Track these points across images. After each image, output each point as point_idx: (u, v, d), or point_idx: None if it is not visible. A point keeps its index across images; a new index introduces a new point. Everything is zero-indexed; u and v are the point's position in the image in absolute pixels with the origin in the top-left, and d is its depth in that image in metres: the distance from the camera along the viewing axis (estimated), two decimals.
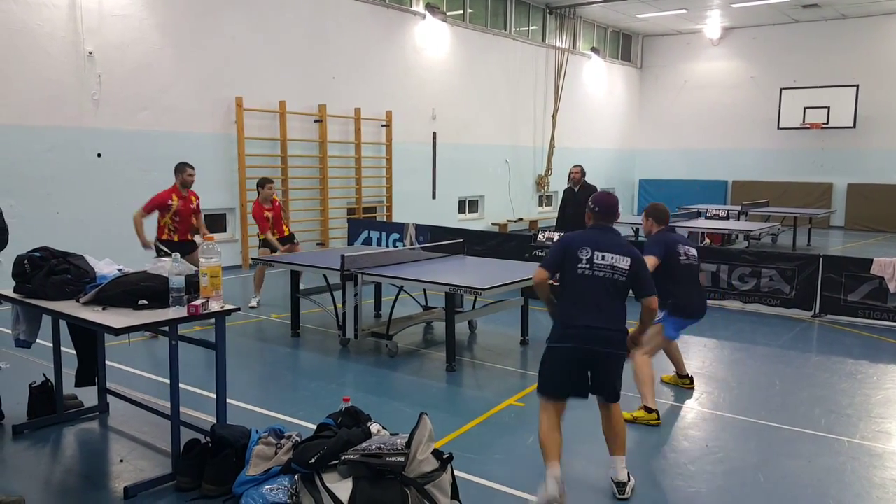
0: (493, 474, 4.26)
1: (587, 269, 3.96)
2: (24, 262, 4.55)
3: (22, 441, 4.76)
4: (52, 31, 9.71)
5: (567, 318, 3.99)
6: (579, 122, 21.25)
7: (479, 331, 7.92)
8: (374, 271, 6.91)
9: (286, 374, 6.56)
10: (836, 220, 20.59)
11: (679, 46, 23.38)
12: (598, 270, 3.95)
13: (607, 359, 3.95)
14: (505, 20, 18.42)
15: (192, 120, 11.45)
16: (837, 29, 20.45)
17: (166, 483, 4.07)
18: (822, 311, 8.78)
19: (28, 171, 9.60)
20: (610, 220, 4.18)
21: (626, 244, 4.07)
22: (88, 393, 5.26)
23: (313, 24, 13.24)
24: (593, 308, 3.92)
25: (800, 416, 5.42)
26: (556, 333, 4.02)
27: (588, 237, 4.08)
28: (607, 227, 4.15)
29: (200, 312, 4.01)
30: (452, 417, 5.24)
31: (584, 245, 4.01)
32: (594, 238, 4.06)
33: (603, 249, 3.98)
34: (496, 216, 18.49)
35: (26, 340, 4.80)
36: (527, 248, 10.08)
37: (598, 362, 3.95)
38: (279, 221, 9.44)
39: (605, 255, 3.96)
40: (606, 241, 4.03)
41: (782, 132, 21.14)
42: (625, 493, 3.98)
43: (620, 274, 3.95)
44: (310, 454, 3.55)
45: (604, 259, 3.96)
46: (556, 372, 4.00)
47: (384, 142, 14.92)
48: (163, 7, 10.92)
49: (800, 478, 4.35)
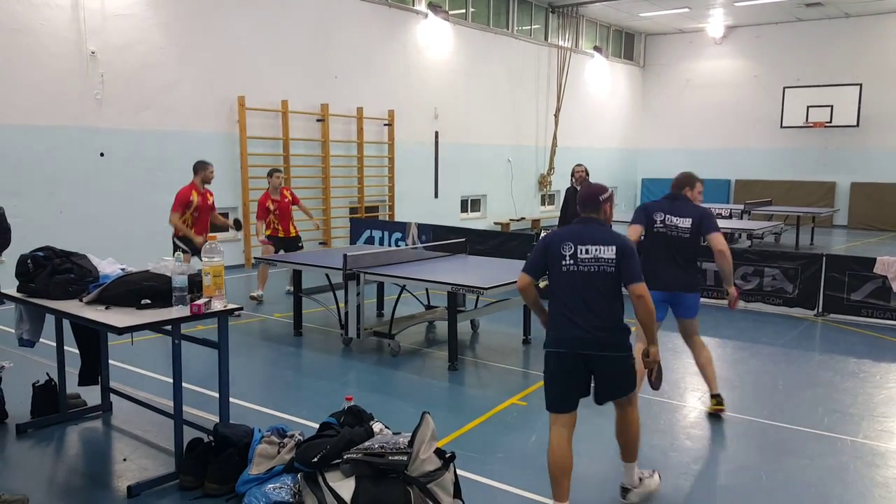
0: (496, 473, 4.26)
1: (571, 265, 3.68)
2: (28, 261, 4.56)
3: (25, 440, 4.77)
4: (54, 31, 9.73)
5: (557, 321, 3.73)
6: (582, 121, 21.24)
7: (482, 330, 7.92)
8: (376, 270, 6.91)
9: (289, 374, 6.57)
10: (839, 219, 20.56)
11: (682, 45, 23.35)
12: (584, 265, 3.67)
13: (605, 362, 3.67)
14: (507, 19, 18.41)
15: (195, 119, 11.46)
16: (841, 27, 20.41)
17: (169, 482, 4.07)
18: (825, 310, 8.77)
19: (31, 170, 9.62)
20: (591, 210, 3.86)
21: (610, 233, 3.76)
22: (92, 392, 5.28)
23: (316, 24, 13.25)
24: (583, 308, 3.65)
25: (802, 415, 5.41)
26: (550, 337, 3.79)
27: (570, 232, 3.80)
28: (590, 219, 3.84)
29: (203, 312, 4.01)
30: (455, 416, 5.24)
31: (565, 241, 3.74)
32: (577, 232, 3.78)
33: (586, 242, 3.70)
34: (498, 215, 18.49)
35: (30, 340, 4.81)
36: (529, 248, 10.05)
37: (597, 366, 3.68)
38: (285, 217, 9.47)
39: (588, 247, 3.68)
40: (589, 234, 3.74)
41: (785, 131, 21.11)
42: (626, 498, 3.90)
43: (607, 265, 3.65)
44: (312, 453, 3.56)
45: (587, 252, 3.67)
46: (556, 381, 3.74)
47: (386, 141, 14.93)
48: (165, 7, 10.93)
49: (802, 477, 4.34)
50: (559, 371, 3.72)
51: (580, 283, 3.68)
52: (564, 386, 3.73)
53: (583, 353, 3.66)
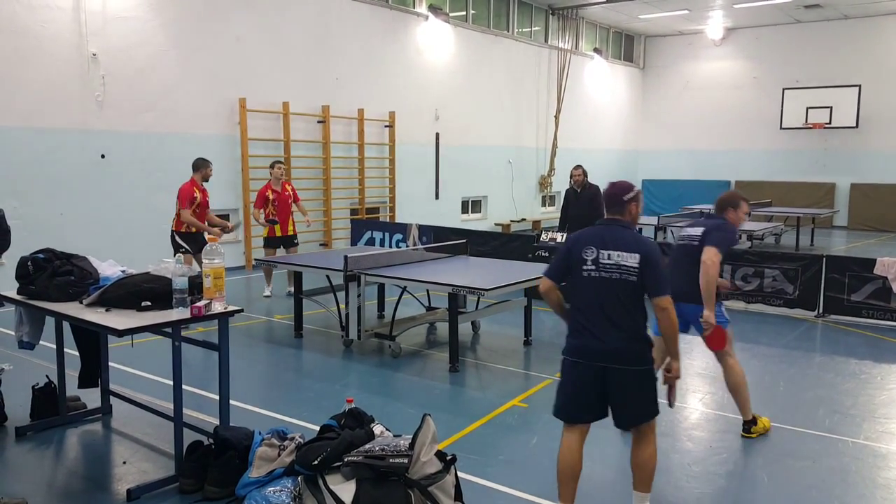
0: (497, 476, 4.25)
1: (592, 270, 3.53)
2: (28, 263, 4.56)
3: (25, 443, 4.77)
4: (56, 33, 9.73)
5: (576, 328, 3.60)
6: (582, 123, 21.25)
7: (483, 331, 7.91)
8: (377, 272, 6.91)
9: (289, 376, 6.57)
10: (839, 220, 20.56)
11: (681, 47, 23.37)
12: (605, 271, 3.51)
13: (623, 376, 3.50)
14: (507, 21, 18.42)
15: (196, 121, 11.47)
16: (839, 29, 20.43)
17: (169, 485, 4.07)
18: (826, 311, 8.77)
19: (32, 172, 9.62)
20: (615, 211, 3.67)
21: (635, 239, 3.57)
22: (91, 394, 5.27)
23: (316, 26, 13.25)
24: (602, 317, 3.50)
25: (803, 416, 5.41)
26: (568, 344, 3.64)
27: (593, 235, 3.63)
28: (614, 221, 3.66)
29: (203, 314, 4.01)
30: (456, 418, 5.24)
31: (589, 244, 3.58)
32: (600, 235, 3.60)
33: (609, 247, 3.53)
34: (499, 216, 18.49)
35: (29, 342, 4.80)
36: (530, 249, 10.07)
37: (612, 381, 3.51)
38: (283, 211, 9.58)
39: (610, 253, 3.52)
40: (612, 238, 3.56)
41: (785, 132, 21.13)
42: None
43: (629, 273, 3.47)
44: (313, 456, 3.55)
45: (609, 258, 3.51)
46: (568, 391, 3.62)
47: (387, 142, 14.93)
48: (166, 9, 10.93)
49: (804, 478, 4.33)
50: (573, 380, 3.60)
51: (601, 289, 3.53)
52: (575, 396, 3.61)
53: (600, 366, 3.50)
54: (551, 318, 8.71)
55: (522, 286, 6.81)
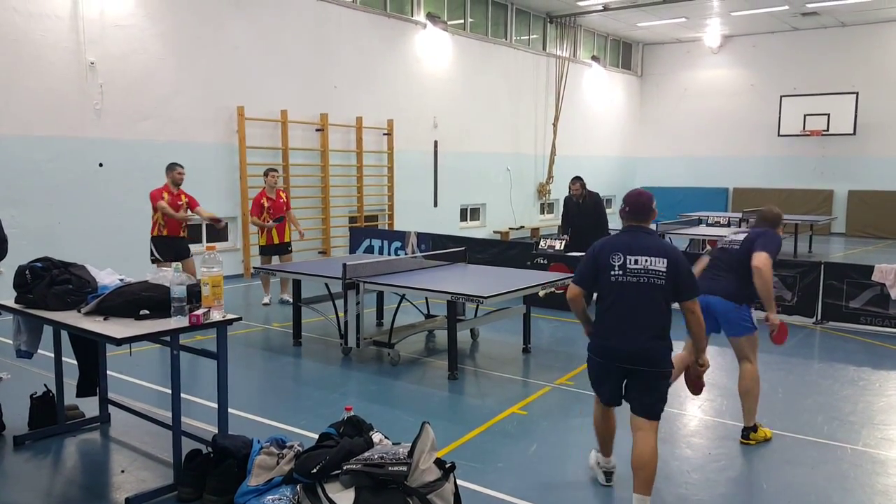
0: (496, 483, 4.24)
1: (620, 275, 3.72)
2: (26, 272, 4.55)
3: (23, 452, 4.75)
4: (54, 42, 9.75)
5: (602, 331, 3.84)
6: (580, 130, 21.30)
7: (481, 339, 7.91)
8: (375, 280, 6.91)
9: (288, 384, 6.56)
10: (837, 227, 20.59)
11: (679, 54, 23.45)
12: (632, 276, 3.70)
13: (643, 376, 3.75)
14: (506, 29, 18.49)
15: (194, 129, 11.48)
16: (836, 37, 20.51)
17: (168, 494, 4.06)
18: (824, 318, 8.77)
19: (30, 181, 9.62)
20: (642, 219, 3.87)
21: (661, 244, 3.79)
22: (90, 403, 5.25)
23: (315, 34, 13.29)
24: (629, 319, 3.70)
25: (802, 423, 5.41)
26: (594, 343, 3.91)
27: (620, 241, 3.82)
28: (640, 228, 3.85)
29: (202, 322, 4.01)
30: (455, 426, 5.23)
31: (615, 250, 3.77)
32: (626, 241, 3.80)
33: (636, 253, 3.72)
34: (498, 224, 18.51)
35: (27, 351, 4.80)
36: (528, 256, 10.08)
37: (633, 376, 3.78)
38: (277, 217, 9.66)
39: (637, 258, 3.71)
40: (639, 244, 3.75)
41: (783, 139, 21.18)
42: None
43: (657, 277, 3.68)
44: (312, 464, 3.54)
45: (636, 263, 3.70)
46: (592, 378, 4.02)
47: (386, 150, 14.95)
48: (164, 17, 10.96)
49: (803, 485, 4.33)
50: (596, 374, 3.97)
51: (629, 294, 3.72)
52: (604, 387, 3.98)
53: (623, 367, 3.78)
54: (550, 325, 8.72)
55: (521, 294, 6.82)
